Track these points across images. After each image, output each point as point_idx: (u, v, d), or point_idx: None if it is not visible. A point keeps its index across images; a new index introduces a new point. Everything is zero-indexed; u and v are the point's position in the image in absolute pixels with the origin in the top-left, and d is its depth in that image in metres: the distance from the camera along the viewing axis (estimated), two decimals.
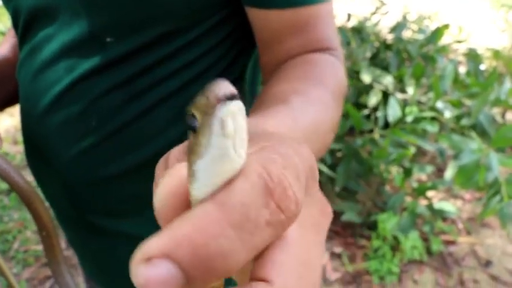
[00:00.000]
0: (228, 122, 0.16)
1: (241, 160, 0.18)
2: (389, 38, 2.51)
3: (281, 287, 0.18)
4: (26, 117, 0.68)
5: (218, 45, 0.61)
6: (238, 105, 0.17)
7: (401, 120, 1.93)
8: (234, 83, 0.64)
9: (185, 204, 0.19)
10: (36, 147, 0.68)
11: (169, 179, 0.19)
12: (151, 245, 0.17)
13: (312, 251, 0.20)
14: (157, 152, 0.62)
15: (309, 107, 0.43)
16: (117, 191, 0.65)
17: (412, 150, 1.95)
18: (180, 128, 0.62)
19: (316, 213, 0.22)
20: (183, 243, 0.16)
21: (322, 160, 2.13)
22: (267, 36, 0.58)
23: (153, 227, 0.69)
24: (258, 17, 0.57)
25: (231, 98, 0.16)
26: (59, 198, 0.69)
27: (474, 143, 1.66)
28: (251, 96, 0.70)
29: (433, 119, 1.95)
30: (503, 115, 2.44)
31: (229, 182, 0.18)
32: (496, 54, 2.79)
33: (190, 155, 0.17)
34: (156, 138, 0.62)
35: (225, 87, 0.16)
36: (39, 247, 2.32)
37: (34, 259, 2.23)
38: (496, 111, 2.23)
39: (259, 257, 0.19)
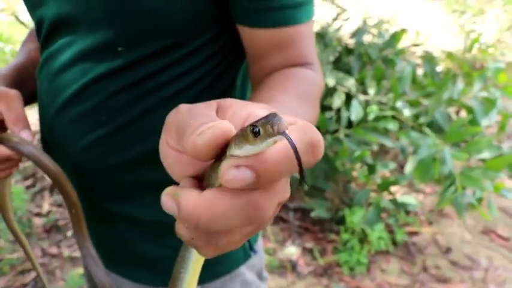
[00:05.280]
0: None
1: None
2: (351, 42, 2.61)
3: None
4: (44, 112, 0.76)
5: (212, 56, 0.70)
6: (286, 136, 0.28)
7: (363, 120, 2.04)
8: (225, 90, 0.74)
9: (219, 148, 0.30)
10: (52, 138, 0.76)
11: (217, 128, 0.29)
12: (241, 160, 0.28)
13: None
14: (158, 146, 0.71)
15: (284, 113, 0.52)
16: (121, 178, 0.74)
17: (375, 148, 2.07)
18: None
19: None
20: (263, 163, 0.28)
21: None
22: (254, 52, 0.67)
23: (149, 211, 0.77)
24: (246, 34, 0.66)
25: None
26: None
27: (430, 139, 1.79)
28: None
29: (393, 117, 2.06)
30: (457, 113, 2.59)
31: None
32: (450, 56, 2.95)
33: (243, 140, 0.29)
34: (157, 134, 0.70)
35: (283, 124, 0.28)
36: (14, 255, 2.32)
37: (9, 268, 2.24)
38: (452, 109, 2.37)
39: None
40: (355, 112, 2.01)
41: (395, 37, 2.49)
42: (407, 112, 2.07)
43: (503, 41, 4.31)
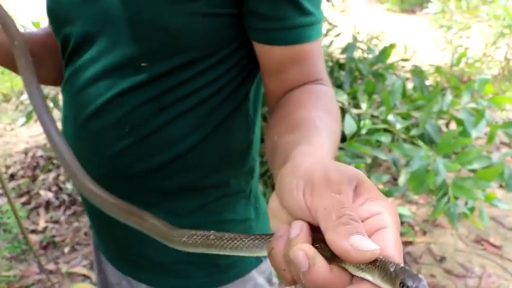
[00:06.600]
0: None
1: None
2: (342, 57, 2.67)
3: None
4: (71, 124, 0.80)
5: (229, 70, 0.74)
6: None
7: (357, 133, 2.09)
8: (241, 102, 0.78)
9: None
10: (76, 149, 0.79)
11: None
12: (368, 248, 0.34)
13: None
14: (179, 155, 0.76)
15: (327, 132, 0.57)
16: (143, 185, 0.78)
17: (368, 160, 2.11)
18: (197, 136, 0.76)
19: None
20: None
21: None
22: (271, 67, 0.71)
23: (167, 216, 0.81)
24: (263, 51, 0.70)
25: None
26: None
27: (423, 151, 1.84)
28: (254, 113, 0.83)
29: (385, 130, 2.11)
30: (447, 125, 2.66)
31: None
32: (438, 70, 3.02)
33: (388, 281, 0.33)
34: (177, 143, 0.75)
35: (422, 285, 0.32)
36: (11, 273, 2.32)
37: (6, 285, 2.24)
38: (441, 121, 2.43)
39: None
40: (349, 126, 2.06)
41: (384, 52, 2.54)
42: (398, 125, 2.12)
43: (489, 55, 4.42)
